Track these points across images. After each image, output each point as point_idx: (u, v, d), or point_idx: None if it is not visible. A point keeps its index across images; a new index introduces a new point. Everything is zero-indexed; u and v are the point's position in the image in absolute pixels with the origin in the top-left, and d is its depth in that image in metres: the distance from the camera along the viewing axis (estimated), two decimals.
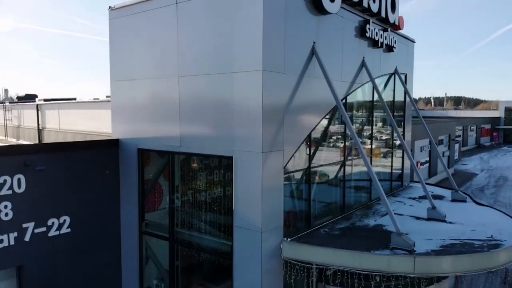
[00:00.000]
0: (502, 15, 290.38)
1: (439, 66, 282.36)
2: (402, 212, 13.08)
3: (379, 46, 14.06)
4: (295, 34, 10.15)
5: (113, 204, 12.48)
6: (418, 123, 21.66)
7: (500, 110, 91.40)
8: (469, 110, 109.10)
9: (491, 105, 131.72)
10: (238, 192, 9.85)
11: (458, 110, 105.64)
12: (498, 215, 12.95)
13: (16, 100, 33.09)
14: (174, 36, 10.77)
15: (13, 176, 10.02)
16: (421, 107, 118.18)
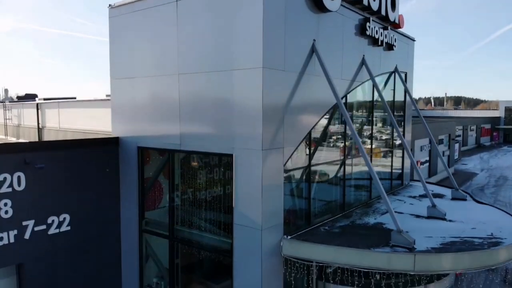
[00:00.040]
0: (502, 15, 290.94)
1: (439, 66, 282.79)
2: (402, 210, 13.07)
3: (379, 44, 14.05)
4: (295, 31, 10.14)
5: (113, 202, 12.48)
6: (418, 122, 21.69)
7: (500, 110, 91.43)
8: (469, 110, 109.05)
9: (491, 105, 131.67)
10: (238, 189, 9.84)
11: (458, 110, 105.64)
12: (498, 214, 12.92)
13: (16, 100, 33.05)
14: (174, 33, 10.77)
15: (13, 173, 10.01)
16: (421, 107, 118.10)
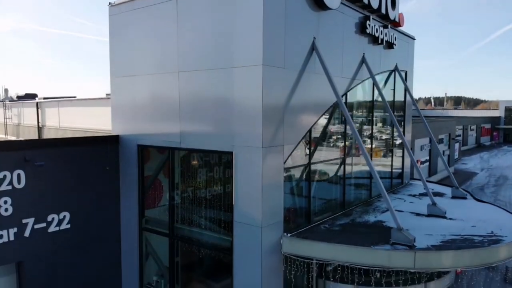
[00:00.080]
0: (503, 14, 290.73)
1: (439, 66, 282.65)
2: (403, 208, 13.06)
3: (379, 42, 14.04)
4: (295, 29, 10.14)
5: (113, 200, 12.47)
6: (419, 122, 21.67)
7: (500, 109, 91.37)
8: (469, 110, 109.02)
9: (491, 105, 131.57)
10: (238, 187, 9.84)
11: (458, 110, 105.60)
12: (498, 212, 12.93)
13: (16, 99, 33.05)
14: (174, 31, 10.76)
15: (13, 171, 10.00)
16: (421, 107, 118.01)
